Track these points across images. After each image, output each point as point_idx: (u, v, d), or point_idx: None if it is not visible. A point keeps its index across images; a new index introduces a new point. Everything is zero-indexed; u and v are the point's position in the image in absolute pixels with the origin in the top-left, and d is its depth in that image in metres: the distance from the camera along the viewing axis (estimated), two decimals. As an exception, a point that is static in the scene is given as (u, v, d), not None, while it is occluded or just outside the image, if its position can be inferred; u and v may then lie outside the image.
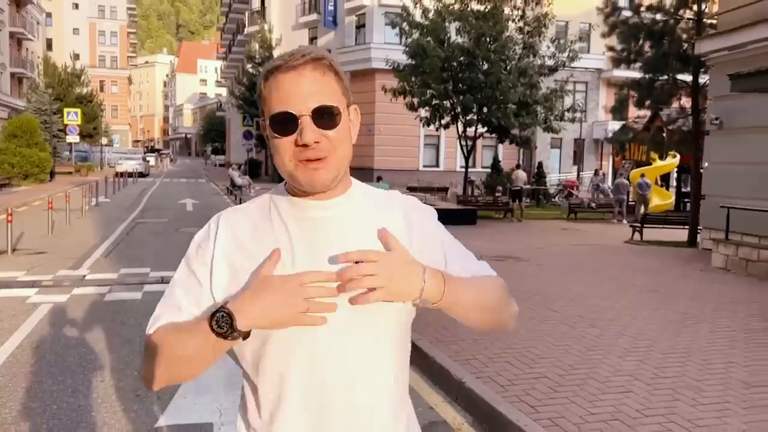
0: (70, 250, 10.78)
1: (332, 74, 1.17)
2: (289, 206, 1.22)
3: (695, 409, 3.96)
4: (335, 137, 1.14)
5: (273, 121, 1.15)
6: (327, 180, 1.16)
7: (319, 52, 1.17)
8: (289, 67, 1.14)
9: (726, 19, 11.83)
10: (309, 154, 1.13)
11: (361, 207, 1.24)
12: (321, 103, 1.13)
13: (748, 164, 10.83)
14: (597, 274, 9.57)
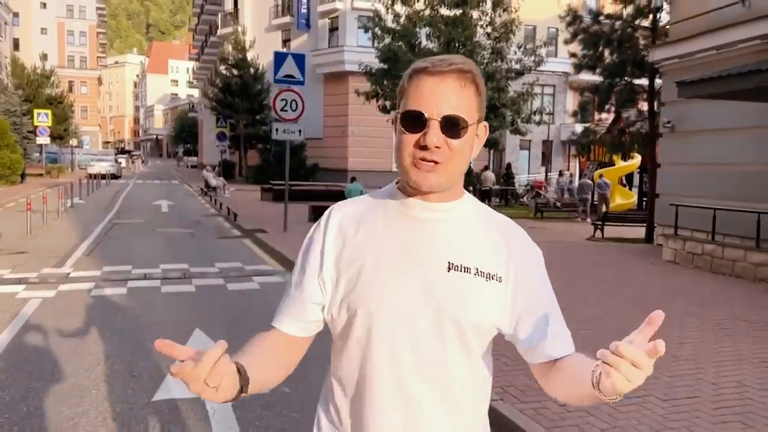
0: (51, 249, 11.08)
1: (473, 88, 1.22)
2: (398, 203, 1.28)
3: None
4: (456, 147, 1.19)
5: (404, 117, 1.21)
6: (435, 184, 1.20)
7: (468, 64, 1.22)
8: (434, 71, 1.19)
9: (677, 30, 12.61)
10: (426, 156, 1.18)
11: (468, 219, 1.28)
12: (452, 112, 1.17)
13: (696, 164, 11.60)
14: (554, 267, 10.14)
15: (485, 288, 1.23)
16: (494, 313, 1.25)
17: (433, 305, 1.21)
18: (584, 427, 3.75)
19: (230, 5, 42.58)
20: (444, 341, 1.22)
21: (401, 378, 1.22)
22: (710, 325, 6.41)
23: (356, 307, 1.22)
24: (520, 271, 1.27)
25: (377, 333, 1.22)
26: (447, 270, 1.22)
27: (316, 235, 1.31)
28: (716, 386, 4.55)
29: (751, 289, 8.50)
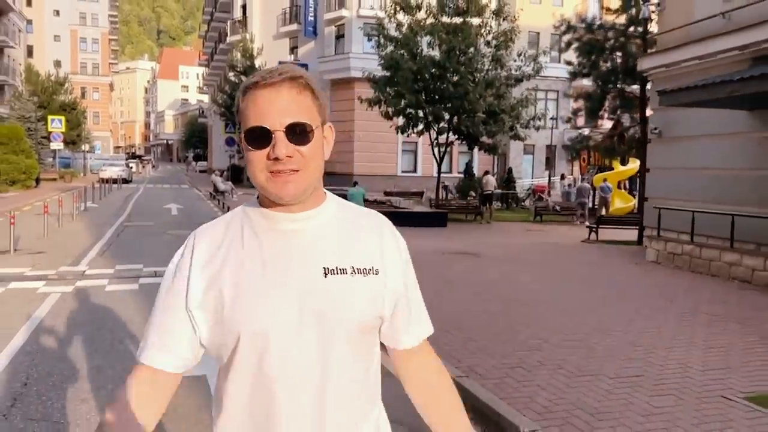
0: (67, 249, 11.74)
1: (308, 93, 1.21)
2: (261, 218, 1.26)
3: (607, 345, 5.13)
4: (307, 153, 1.18)
5: (248, 134, 1.19)
6: (296, 193, 1.19)
7: (297, 71, 1.21)
8: (266, 84, 1.18)
9: (664, 39, 13.13)
10: (280, 167, 1.17)
11: (333, 221, 1.28)
12: (295, 119, 1.17)
13: (681, 169, 12.10)
14: (544, 266, 10.77)
15: (364, 284, 1.24)
16: (377, 304, 1.26)
17: (316, 313, 1.20)
18: (536, 398, 4.30)
19: (239, 13, 43.38)
20: (333, 346, 1.21)
21: (298, 391, 1.20)
22: (674, 317, 6.94)
23: (238, 330, 1.19)
24: (390, 260, 1.30)
25: (265, 351, 1.19)
26: (324, 276, 1.22)
27: (181, 262, 1.26)
28: (662, 367, 5.09)
29: (723, 286, 9.02)
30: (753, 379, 4.84)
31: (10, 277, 8.91)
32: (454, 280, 9.00)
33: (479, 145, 21.46)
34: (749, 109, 10.58)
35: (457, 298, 7.78)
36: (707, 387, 4.64)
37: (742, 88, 8.66)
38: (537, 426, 3.82)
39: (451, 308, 7.03)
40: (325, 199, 1.30)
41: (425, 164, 35.53)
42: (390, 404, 1.45)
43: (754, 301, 7.98)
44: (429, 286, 8.65)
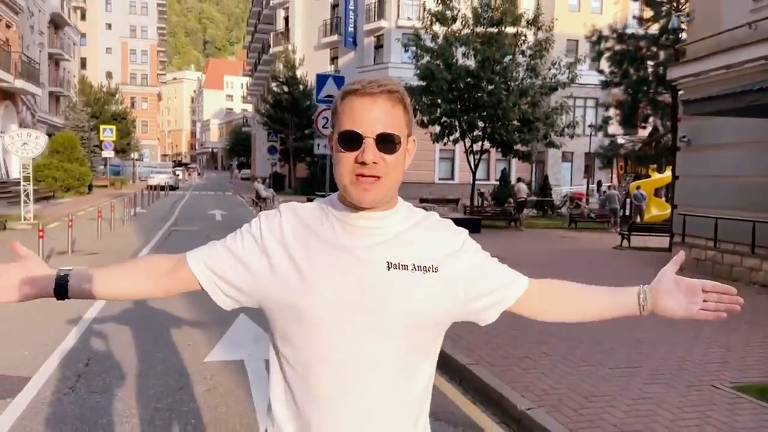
0: (119, 251, 12.58)
1: (401, 107, 1.31)
2: (339, 213, 1.35)
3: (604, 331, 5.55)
4: (391, 162, 1.28)
5: (341, 136, 1.28)
6: (375, 200, 1.29)
7: (395, 85, 1.30)
8: (365, 93, 1.27)
9: (693, 49, 13.32)
10: (365, 171, 1.26)
11: (401, 222, 1.36)
12: (386, 130, 1.26)
13: (707, 177, 12.28)
14: (567, 269, 11.12)
15: (423, 280, 1.32)
16: (434, 301, 1.33)
17: (375, 303, 1.28)
18: (537, 384, 4.75)
19: (282, 25, 44.56)
20: (386, 337, 1.29)
21: (348, 375, 1.28)
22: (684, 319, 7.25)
23: (300, 307, 1.29)
24: (459, 255, 1.38)
25: (321, 330, 1.28)
26: (387, 269, 1.30)
27: (269, 222, 1.38)
28: (662, 360, 5.47)
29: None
30: (746, 373, 5.19)
31: (69, 275, 9.72)
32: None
33: (513, 153, 21.78)
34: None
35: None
36: (700, 377, 5.01)
37: (761, 98, 8.89)
38: (534, 405, 4.28)
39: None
40: (397, 204, 1.39)
41: (462, 172, 35.87)
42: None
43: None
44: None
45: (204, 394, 4.71)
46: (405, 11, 34.53)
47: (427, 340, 1.36)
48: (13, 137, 16.96)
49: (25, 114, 32.87)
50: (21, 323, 6.67)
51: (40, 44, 40.01)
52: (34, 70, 32.73)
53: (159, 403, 4.52)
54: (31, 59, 32.43)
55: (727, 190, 11.65)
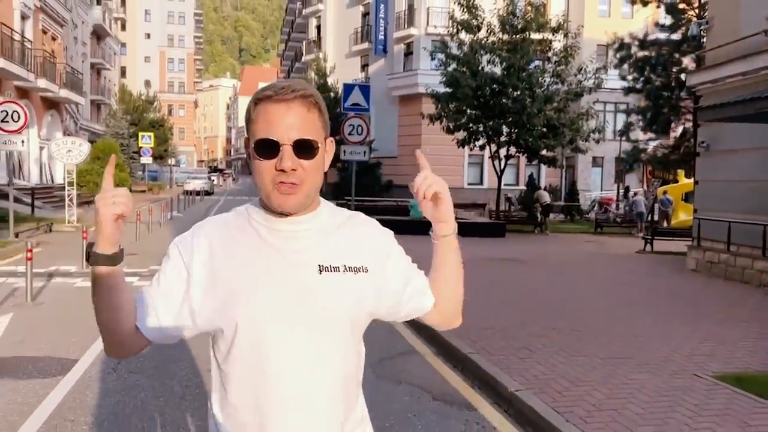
0: (157, 252, 13.28)
1: (317, 111, 1.31)
2: (263, 219, 1.37)
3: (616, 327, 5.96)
4: (309, 167, 1.29)
5: (258, 144, 1.28)
6: (296, 205, 1.31)
7: (309, 89, 1.30)
8: (279, 99, 1.27)
9: (711, 56, 13.52)
10: (284, 178, 1.27)
11: (327, 224, 1.39)
12: (302, 136, 1.27)
13: (724, 181, 12.48)
14: (584, 271, 11.46)
15: (354, 281, 1.35)
16: (367, 301, 1.37)
17: (311, 306, 1.30)
18: (530, 371, 5.19)
19: (314, 33, 45.45)
20: (324, 339, 1.32)
21: (290, 379, 1.29)
22: (686, 316, 7.60)
23: (236, 319, 1.28)
24: (383, 255, 1.43)
25: (261, 340, 1.29)
26: (319, 272, 1.32)
27: (183, 248, 1.36)
28: (653, 352, 5.85)
29: (750, 292, 9.50)
30: (730, 364, 5.54)
31: (110, 273, 10.44)
32: (491, 281, 9.86)
33: (539, 158, 22.05)
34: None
35: (488, 295, 8.65)
36: (684, 367, 5.39)
37: (766, 105, 9.15)
38: (523, 387, 4.72)
39: (478, 303, 7.93)
40: (319, 205, 1.40)
41: (491, 177, 36.02)
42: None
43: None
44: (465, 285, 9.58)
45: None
46: (434, 19, 34.97)
47: (358, 336, 1.40)
48: (58, 145, 17.94)
49: (68, 122, 34.28)
50: (68, 314, 7.36)
51: (83, 55, 41.57)
52: (78, 80, 34.10)
53: (189, 382, 5.09)
54: (74, 70, 33.80)
55: (742, 194, 11.84)
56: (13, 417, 4.28)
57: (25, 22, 26.89)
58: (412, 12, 35.99)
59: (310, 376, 1.31)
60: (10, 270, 10.53)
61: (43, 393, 4.75)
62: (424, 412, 4.52)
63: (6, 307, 7.67)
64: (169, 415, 4.41)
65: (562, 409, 4.30)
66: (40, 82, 26.11)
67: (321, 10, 44.08)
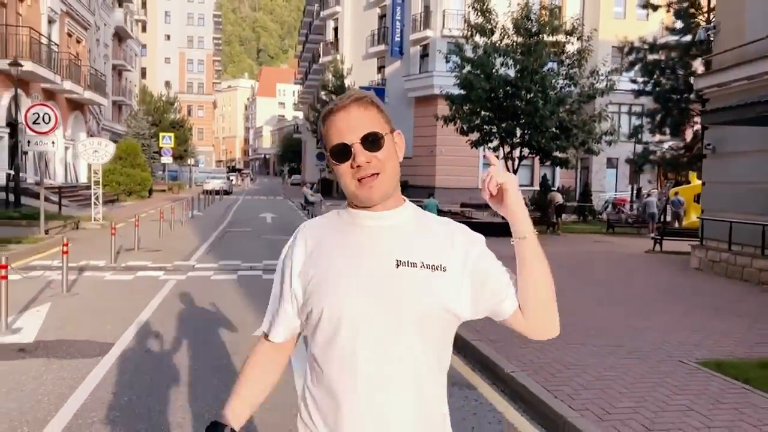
0: (179, 249, 13.90)
1: (374, 108, 1.45)
2: (348, 216, 1.50)
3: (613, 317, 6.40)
4: (382, 157, 1.41)
5: (332, 152, 1.43)
6: (382, 194, 1.43)
7: (361, 92, 1.47)
8: (339, 108, 1.43)
9: (718, 60, 13.84)
10: (362, 173, 1.40)
11: (410, 222, 1.49)
12: (366, 131, 1.41)
13: (728, 183, 12.80)
14: (588, 268, 11.85)
15: (431, 278, 1.40)
16: (443, 299, 1.41)
17: (387, 298, 1.38)
18: (527, 356, 5.64)
19: (331, 35, 46.06)
20: (400, 329, 1.38)
21: (362, 367, 1.37)
22: (683, 310, 8.00)
23: (321, 309, 1.40)
24: (470, 256, 1.46)
25: (339, 327, 1.39)
26: (396, 266, 1.39)
27: (287, 251, 1.54)
28: (644, 341, 6.27)
29: (747, 289, 9.87)
30: (716, 353, 5.94)
31: (138, 267, 11.04)
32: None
33: (551, 160, 22.39)
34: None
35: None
36: (671, 354, 5.81)
37: (767, 109, 9.50)
38: (518, 369, 5.18)
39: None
40: (403, 204, 1.51)
41: (506, 178, 36.42)
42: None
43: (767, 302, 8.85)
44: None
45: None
46: (450, 21, 35.40)
47: (437, 334, 1.44)
48: (85, 145, 18.64)
49: (91, 122, 35.17)
50: (101, 304, 7.94)
51: (105, 56, 42.51)
52: (101, 81, 34.97)
53: (217, 362, 5.62)
54: (97, 71, 34.68)
55: (746, 196, 12.17)
56: (62, 390, 4.83)
57: (51, 26, 27.74)
58: (428, 14, 36.47)
59: (382, 365, 1.38)
60: (45, 264, 11.16)
61: (86, 371, 5.29)
62: (428, 390, 4.98)
63: (44, 297, 8.27)
64: (201, 389, 4.92)
65: (552, 388, 4.75)
66: (65, 84, 26.93)
67: (338, 12, 44.69)
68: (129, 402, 4.62)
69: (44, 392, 4.77)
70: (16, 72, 17.85)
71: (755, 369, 5.26)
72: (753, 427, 4.10)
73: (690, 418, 4.21)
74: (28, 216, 16.98)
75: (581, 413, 4.24)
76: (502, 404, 4.77)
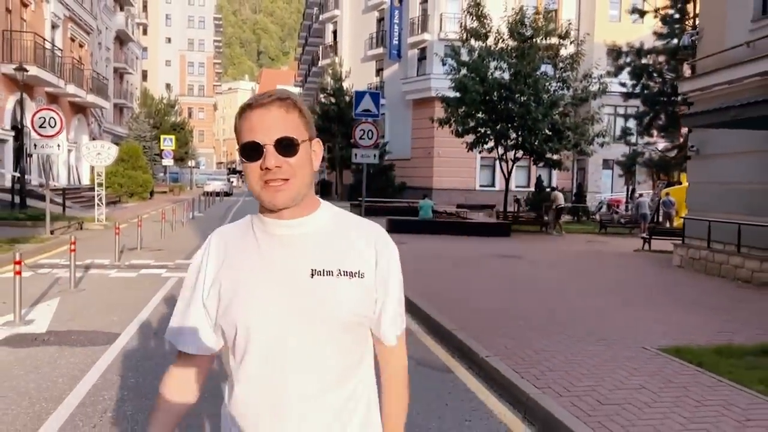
0: (180, 248, 14.37)
1: (296, 111, 1.38)
2: (260, 224, 1.45)
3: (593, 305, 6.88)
4: (295, 163, 1.35)
5: (243, 149, 1.36)
6: (286, 200, 1.36)
7: (285, 93, 1.39)
8: (258, 105, 1.36)
9: (701, 64, 14.31)
10: (271, 177, 1.34)
11: (325, 228, 1.43)
12: (283, 134, 1.34)
13: (709, 183, 13.27)
14: (575, 266, 12.31)
15: (349, 285, 1.39)
16: (359, 305, 1.41)
17: (302, 310, 1.36)
18: (503, 343, 6.11)
19: (330, 38, 46.60)
20: (316, 340, 1.37)
21: (281, 380, 1.36)
22: (658, 304, 8.46)
23: (236, 322, 1.38)
24: (381, 265, 1.44)
25: (255, 342, 1.37)
26: (311, 276, 1.37)
27: (199, 260, 1.49)
28: (614, 330, 6.74)
29: (723, 285, 10.34)
30: (678, 340, 6.41)
31: (141, 266, 11.52)
32: (488, 274, 10.78)
33: (545, 161, 22.87)
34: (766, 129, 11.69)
35: (481, 285, 9.56)
36: (637, 341, 6.28)
37: (741, 113, 9.96)
38: (491, 354, 5.65)
39: (470, 291, 8.86)
40: (317, 208, 1.45)
41: (502, 179, 36.82)
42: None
43: (740, 296, 9.32)
44: (457, 275, 10.52)
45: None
46: (447, 25, 35.91)
47: (358, 337, 1.45)
48: (89, 148, 19.13)
49: (93, 125, 35.68)
50: (107, 299, 8.42)
51: (106, 60, 42.98)
52: (103, 85, 35.49)
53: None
54: (99, 75, 35.19)
55: (726, 195, 12.64)
56: (75, 373, 5.30)
57: (55, 31, 28.27)
58: (426, 18, 36.97)
59: (303, 378, 1.37)
60: (52, 262, 11.64)
61: (95, 357, 5.76)
62: (409, 373, 5.45)
63: (53, 292, 8.75)
64: (200, 372, 5.39)
65: (521, 370, 5.22)
66: (69, 88, 27.44)
67: (337, 16, 45.22)
68: (136, 383, 5.09)
69: (59, 374, 5.24)
70: (22, 77, 18.34)
71: (710, 354, 5.73)
72: (696, 402, 4.56)
73: (641, 395, 4.68)
74: (33, 217, 17.47)
75: (543, 391, 4.71)
76: (475, 385, 5.24)
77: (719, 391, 4.82)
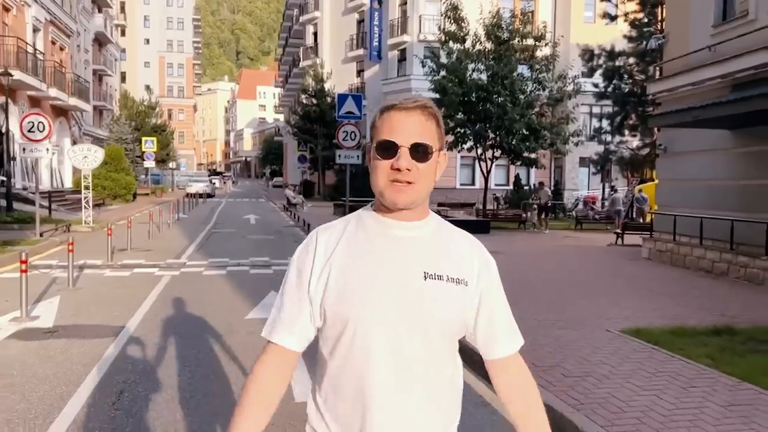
0: (169, 248, 14.77)
1: (434, 121, 1.45)
2: (375, 223, 1.48)
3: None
4: (423, 169, 1.41)
5: (379, 146, 1.42)
6: (408, 202, 1.41)
7: (428, 102, 1.46)
8: (402, 108, 1.42)
9: (668, 67, 15.04)
10: (399, 177, 1.39)
11: (435, 234, 1.50)
12: (419, 140, 1.40)
13: (676, 180, 13.99)
14: (548, 260, 12.94)
15: (455, 292, 1.43)
16: (462, 312, 1.45)
17: (413, 310, 1.39)
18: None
19: (311, 40, 47.00)
20: (424, 341, 1.40)
21: (387, 376, 1.39)
22: (622, 292, 9.10)
23: (347, 317, 1.40)
24: (483, 276, 1.51)
25: (365, 337, 1.39)
26: (424, 279, 1.41)
27: (304, 255, 1.50)
28: (582, 314, 7.34)
29: (686, 275, 11.04)
30: (637, 323, 7.02)
31: (134, 265, 11.94)
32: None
33: (522, 160, 23.56)
34: (729, 128, 12.43)
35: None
36: (601, 325, 6.89)
37: (701, 114, 10.66)
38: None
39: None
40: (428, 215, 1.52)
41: (482, 177, 37.57)
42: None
43: (698, 284, 10.02)
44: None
45: (246, 336, 6.76)
46: (426, 26, 36.53)
47: (454, 345, 1.50)
48: (75, 152, 19.41)
49: (74, 128, 35.74)
50: (106, 295, 8.86)
51: (85, 62, 42.90)
52: (85, 87, 35.57)
53: (215, 337, 6.58)
54: (80, 77, 35.26)
55: (691, 192, 13.37)
56: (86, 360, 5.76)
57: (36, 34, 28.38)
58: (405, 20, 37.57)
59: (406, 376, 1.40)
60: (46, 263, 12.01)
61: (104, 347, 6.23)
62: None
63: (52, 291, 9.16)
64: (203, 356, 5.89)
65: (495, 351, 5.78)
66: (51, 91, 27.59)
67: (317, 18, 45.63)
68: (145, 369, 5.57)
69: (74, 362, 5.71)
70: (7, 81, 18.58)
71: (665, 334, 6.34)
72: (649, 374, 5.16)
73: (601, 369, 5.27)
74: (20, 220, 17.74)
75: (514, 367, 5.26)
76: (455, 365, 5.78)
77: (671, 364, 5.42)
